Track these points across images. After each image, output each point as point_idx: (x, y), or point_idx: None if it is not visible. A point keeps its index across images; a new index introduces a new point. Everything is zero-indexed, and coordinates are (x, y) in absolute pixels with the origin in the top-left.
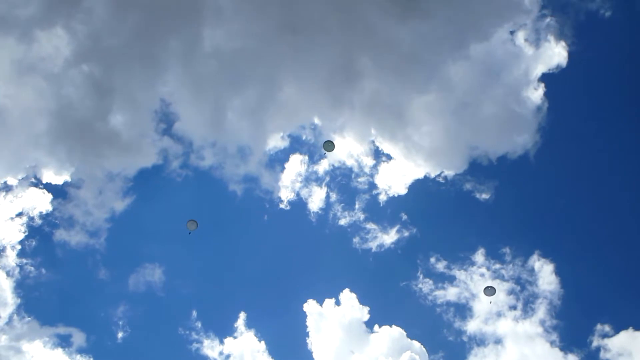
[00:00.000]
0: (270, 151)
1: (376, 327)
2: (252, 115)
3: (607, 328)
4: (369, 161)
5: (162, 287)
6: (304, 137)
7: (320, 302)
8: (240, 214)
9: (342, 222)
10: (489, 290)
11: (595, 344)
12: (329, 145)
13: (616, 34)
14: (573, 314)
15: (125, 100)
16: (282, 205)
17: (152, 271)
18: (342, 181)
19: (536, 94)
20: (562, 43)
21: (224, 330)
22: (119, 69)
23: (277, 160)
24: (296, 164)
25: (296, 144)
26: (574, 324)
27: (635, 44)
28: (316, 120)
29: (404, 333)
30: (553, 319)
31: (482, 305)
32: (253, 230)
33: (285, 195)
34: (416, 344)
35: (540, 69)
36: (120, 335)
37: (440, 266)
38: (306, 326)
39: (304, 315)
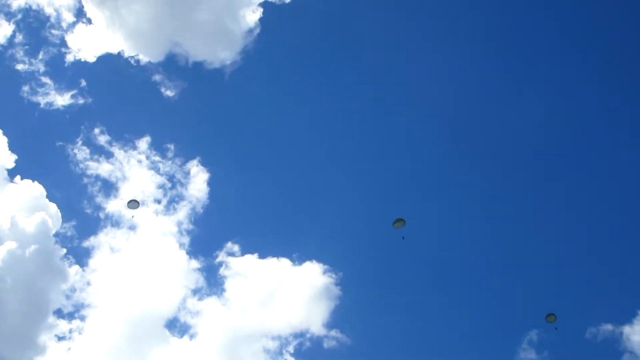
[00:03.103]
0: None
1: (18, 178)
2: None
3: (235, 248)
4: (69, 17)
5: None
6: None
7: None
8: None
9: (19, 66)
10: (133, 204)
11: (220, 259)
12: None
13: None
14: (210, 225)
15: None
16: None
17: None
18: (34, 25)
19: (252, 17)
20: None
21: None
22: None
23: None
24: None
25: None
26: (207, 235)
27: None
28: None
29: (45, 193)
30: (190, 224)
31: (128, 189)
32: None
33: None
34: (53, 207)
35: None
36: None
37: (102, 140)
38: None
39: None
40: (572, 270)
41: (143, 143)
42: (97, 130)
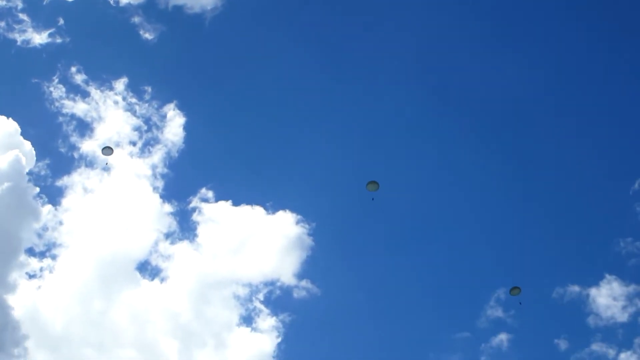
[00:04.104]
0: None
1: None
2: None
3: (209, 194)
4: None
5: None
6: None
7: None
8: None
9: None
10: (107, 150)
11: (193, 204)
12: None
13: None
14: (185, 170)
15: None
16: None
17: None
18: None
19: None
20: None
21: None
22: None
23: None
24: None
25: None
26: (182, 179)
27: None
28: None
29: (19, 130)
30: (165, 168)
31: (104, 129)
32: None
33: None
34: (27, 145)
35: None
36: None
37: (79, 79)
38: None
39: None
40: (542, 232)
41: (120, 84)
42: (73, 69)
